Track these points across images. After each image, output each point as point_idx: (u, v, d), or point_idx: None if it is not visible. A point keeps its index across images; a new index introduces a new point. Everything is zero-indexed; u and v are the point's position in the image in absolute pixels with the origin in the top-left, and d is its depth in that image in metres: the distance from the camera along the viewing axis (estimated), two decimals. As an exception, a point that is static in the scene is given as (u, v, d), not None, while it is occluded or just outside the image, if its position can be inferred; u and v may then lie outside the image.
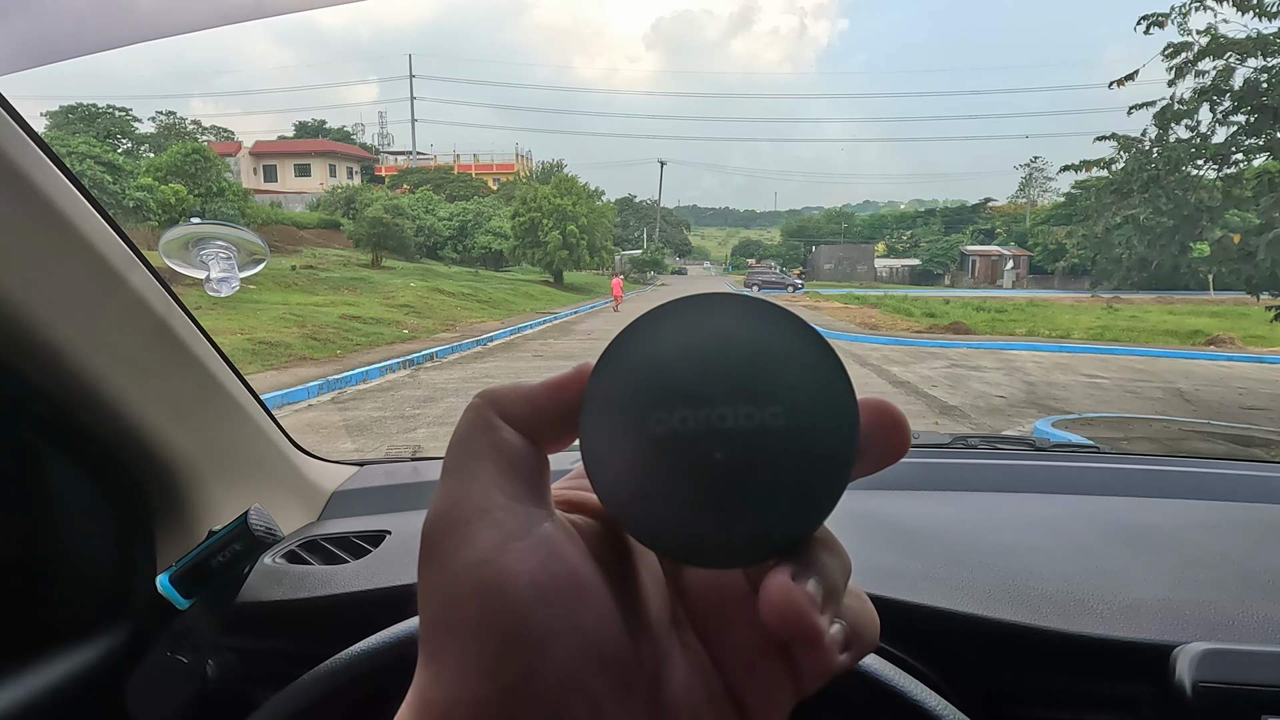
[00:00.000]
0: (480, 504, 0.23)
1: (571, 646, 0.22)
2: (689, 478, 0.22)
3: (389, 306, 14.28)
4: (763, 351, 0.23)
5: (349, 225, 24.94)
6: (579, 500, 0.27)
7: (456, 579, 0.22)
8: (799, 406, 0.22)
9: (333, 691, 0.62)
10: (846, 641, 0.24)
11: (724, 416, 0.22)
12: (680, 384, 0.23)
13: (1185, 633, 0.69)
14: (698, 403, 0.22)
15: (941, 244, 41.61)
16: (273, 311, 11.52)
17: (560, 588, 0.23)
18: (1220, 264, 8.69)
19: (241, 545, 0.72)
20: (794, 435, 0.22)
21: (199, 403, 0.83)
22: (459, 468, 0.24)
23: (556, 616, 0.22)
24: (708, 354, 0.23)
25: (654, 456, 0.23)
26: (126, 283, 0.70)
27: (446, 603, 0.22)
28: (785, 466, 0.22)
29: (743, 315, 0.24)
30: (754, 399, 0.22)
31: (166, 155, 21.10)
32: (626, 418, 0.23)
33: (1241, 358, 11.67)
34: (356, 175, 41.92)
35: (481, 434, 0.24)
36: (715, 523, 0.22)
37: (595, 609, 0.23)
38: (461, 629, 0.22)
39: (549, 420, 0.25)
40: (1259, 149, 8.59)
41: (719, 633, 0.27)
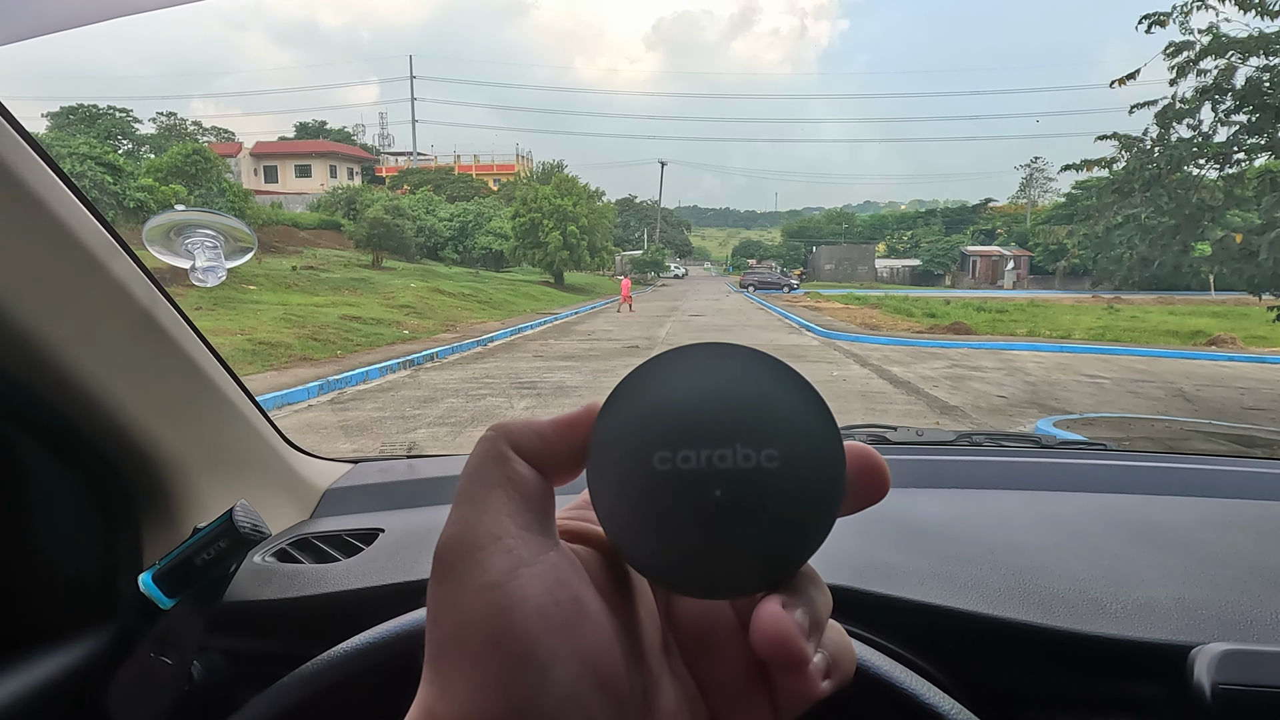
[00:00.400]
0: (493, 531, 0.25)
1: (573, 669, 0.24)
2: (690, 513, 0.24)
3: (389, 307, 14.27)
4: (760, 398, 0.25)
5: (349, 226, 24.95)
6: (581, 531, 0.28)
7: (468, 601, 0.24)
8: (793, 450, 0.24)
9: (317, 692, 0.60)
10: (827, 670, 0.26)
11: (724, 457, 0.24)
12: (684, 426, 0.25)
13: (1202, 633, 0.66)
14: (699, 444, 0.24)
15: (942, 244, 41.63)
16: (273, 312, 11.51)
17: (565, 613, 0.24)
18: (1222, 264, 8.66)
19: (227, 542, 0.70)
20: (787, 477, 0.24)
21: (185, 396, 0.81)
22: (473, 496, 0.25)
23: (560, 640, 0.24)
24: (710, 399, 0.25)
25: (657, 492, 0.24)
26: (107, 271, 0.68)
27: (457, 623, 0.24)
28: (778, 505, 0.24)
29: (742, 365, 0.26)
30: (752, 442, 0.24)
31: (167, 156, 21.11)
32: (633, 455, 0.25)
33: (1243, 358, 11.65)
34: (357, 176, 41.95)
35: (495, 466, 0.26)
36: (712, 556, 0.24)
37: (596, 635, 0.25)
38: (471, 648, 0.23)
39: (558, 455, 0.26)
40: (1261, 148, 8.57)
41: (706, 662, 0.28)
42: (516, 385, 8.10)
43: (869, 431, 1.34)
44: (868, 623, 0.71)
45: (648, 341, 12.81)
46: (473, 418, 6.33)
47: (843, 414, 6.44)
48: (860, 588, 0.74)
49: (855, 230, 59.65)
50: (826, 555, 0.25)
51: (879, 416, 6.61)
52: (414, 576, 0.81)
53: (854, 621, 0.71)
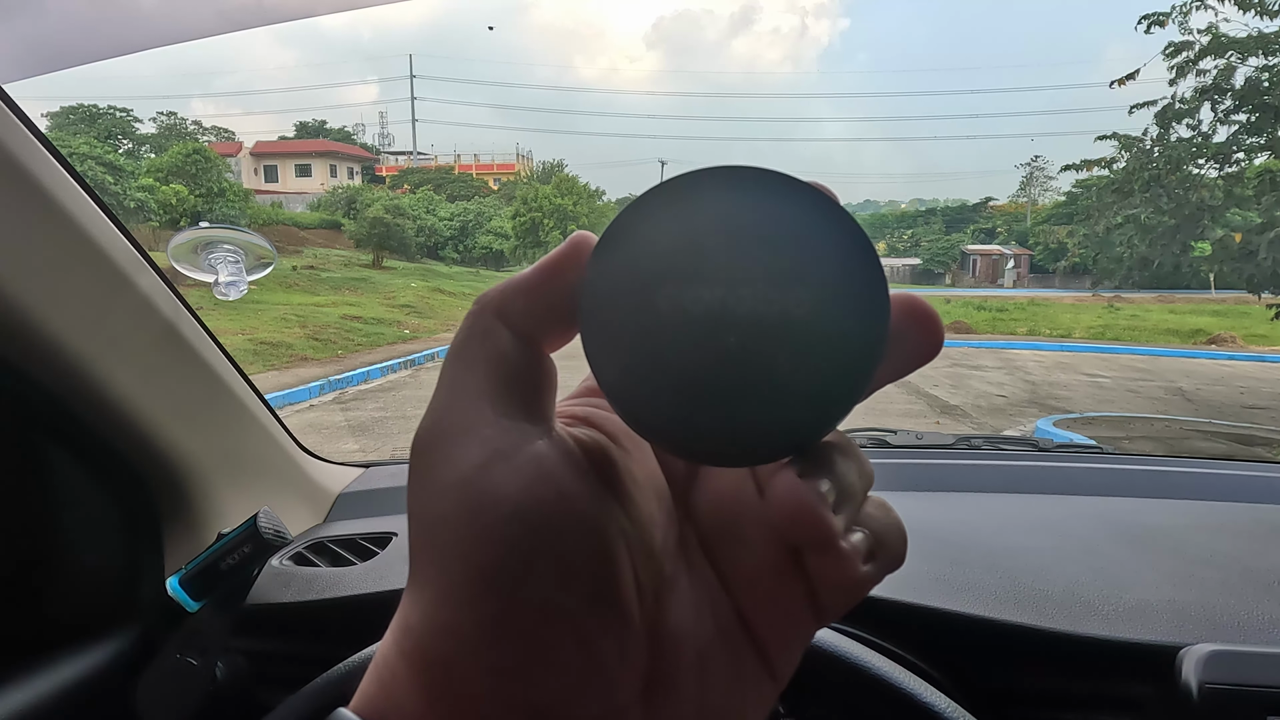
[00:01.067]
0: (466, 420, 0.22)
1: (556, 576, 0.20)
2: (697, 362, 0.20)
3: (390, 307, 14.28)
4: (791, 230, 0.21)
5: (350, 225, 24.93)
6: (586, 416, 0.25)
7: (436, 500, 0.21)
8: (826, 294, 0.20)
9: (345, 696, 0.62)
10: (870, 551, 0.22)
11: (742, 298, 0.20)
12: (694, 258, 0.21)
13: (1191, 634, 0.69)
14: (713, 280, 0.20)
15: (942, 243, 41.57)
16: (274, 312, 11.53)
17: (546, 512, 0.21)
18: (1221, 263, 8.69)
19: (251, 548, 0.72)
20: (818, 325, 0.20)
21: (207, 405, 0.83)
22: (450, 380, 0.23)
23: (540, 544, 0.20)
24: (728, 228, 0.21)
25: (660, 337, 0.20)
26: (134, 285, 0.70)
27: (426, 526, 0.21)
28: (804, 360, 0.20)
29: (770, 190, 0.21)
30: (778, 282, 0.20)
31: (167, 156, 21.11)
32: (631, 292, 0.21)
33: (1243, 356, 11.66)
34: (357, 175, 41.92)
35: (477, 341, 0.23)
36: (721, 415, 0.20)
37: (585, 535, 0.21)
38: (439, 554, 0.21)
39: (549, 308, 0.23)
40: (1260, 148, 8.59)
41: (730, 555, 0.25)
42: (518, 385, 8.10)
43: (869, 436, 1.36)
44: (868, 624, 0.73)
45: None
46: (475, 418, 6.33)
47: (843, 414, 6.49)
48: None
49: (855, 229, 59.31)
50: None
51: (879, 416, 6.63)
52: None
53: (853, 624, 0.73)
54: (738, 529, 0.24)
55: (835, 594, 0.23)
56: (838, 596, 0.23)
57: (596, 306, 0.21)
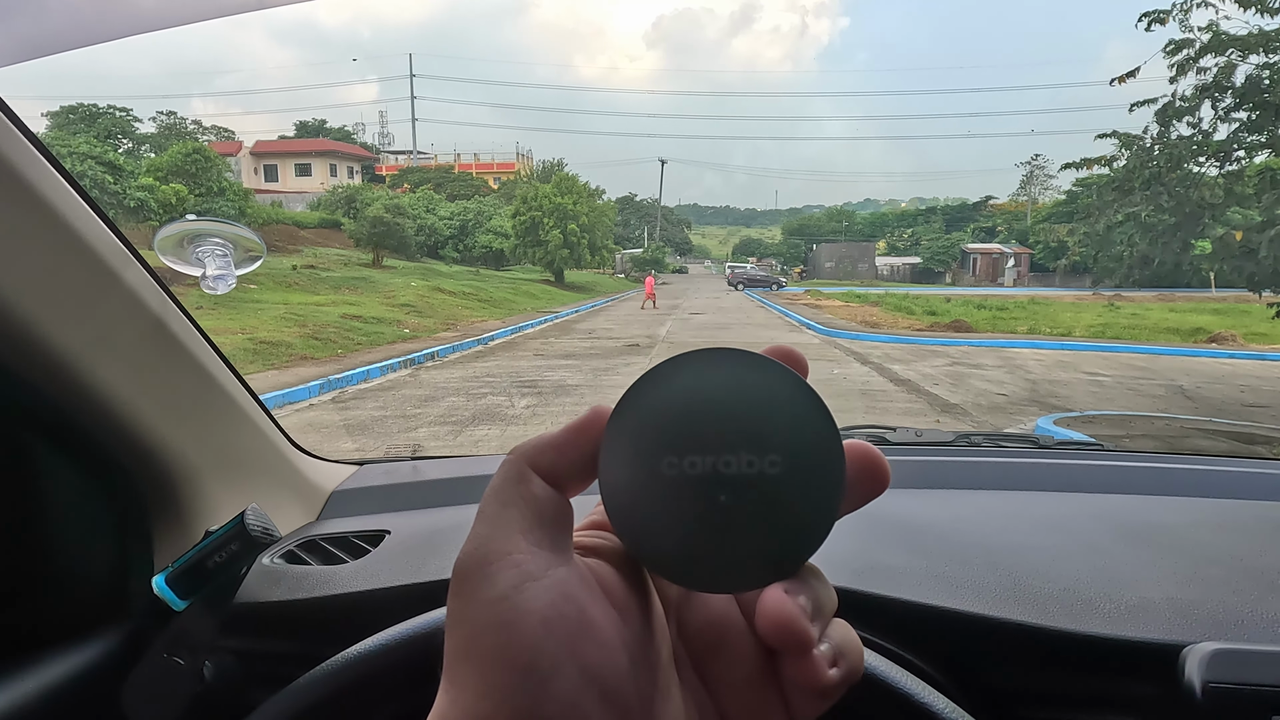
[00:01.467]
0: (505, 548, 0.26)
1: (576, 678, 0.25)
2: (697, 515, 0.26)
3: (390, 306, 14.28)
4: (763, 404, 0.26)
5: (350, 225, 24.94)
6: (596, 547, 0.30)
7: (478, 613, 0.25)
8: (794, 455, 0.26)
9: (329, 695, 0.61)
10: (834, 658, 0.26)
11: (729, 463, 0.26)
12: (690, 434, 0.26)
13: (1194, 632, 0.68)
14: (705, 450, 0.26)
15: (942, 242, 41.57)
16: (274, 311, 11.52)
17: (569, 625, 0.25)
18: (1222, 261, 8.67)
19: (238, 545, 0.71)
20: (790, 480, 0.26)
21: (196, 401, 0.82)
22: (491, 515, 0.27)
23: (564, 651, 0.25)
24: (714, 406, 0.26)
25: (666, 496, 0.26)
26: (121, 280, 0.69)
27: (467, 634, 0.25)
28: (780, 507, 0.26)
29: (746, 371, 0.27)
30: (755, 449, 0.26)
31: (167, 155, 21.11)
32: (642, 461, 0.26)
33: (1243, 355, 11.65)
34: (357, 175, 41.91)
35: (513, 486, 0.27)
36: (719, 555, 0.26)
37: (600, 645, 0.26)
38: (479, 658, 0.25)
39: (572, 463, 0.28)
40: (1261, 146, 8.57)
41: (716, 668, 0.29)
42: (517, 384, 8.11)
43: (868, 432, 1.35)
44: (866, 623, 0.72)
45: (648, 340, 12.81)
46: (473, 416, 6.34)
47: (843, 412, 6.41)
48: (859, 588, 0.75)
49: (855, 228, 59.58)
50: (826, 556, 0.26)
51: (879, 415, 6.62)
52: (421, 578, 0.82)
53: (852, 621, 0.72)
54: (724, 646, 0.29)
55: (807, 699, 0.27)
56: (809, 702, 0.27)
57: (613, 467, 0.27)
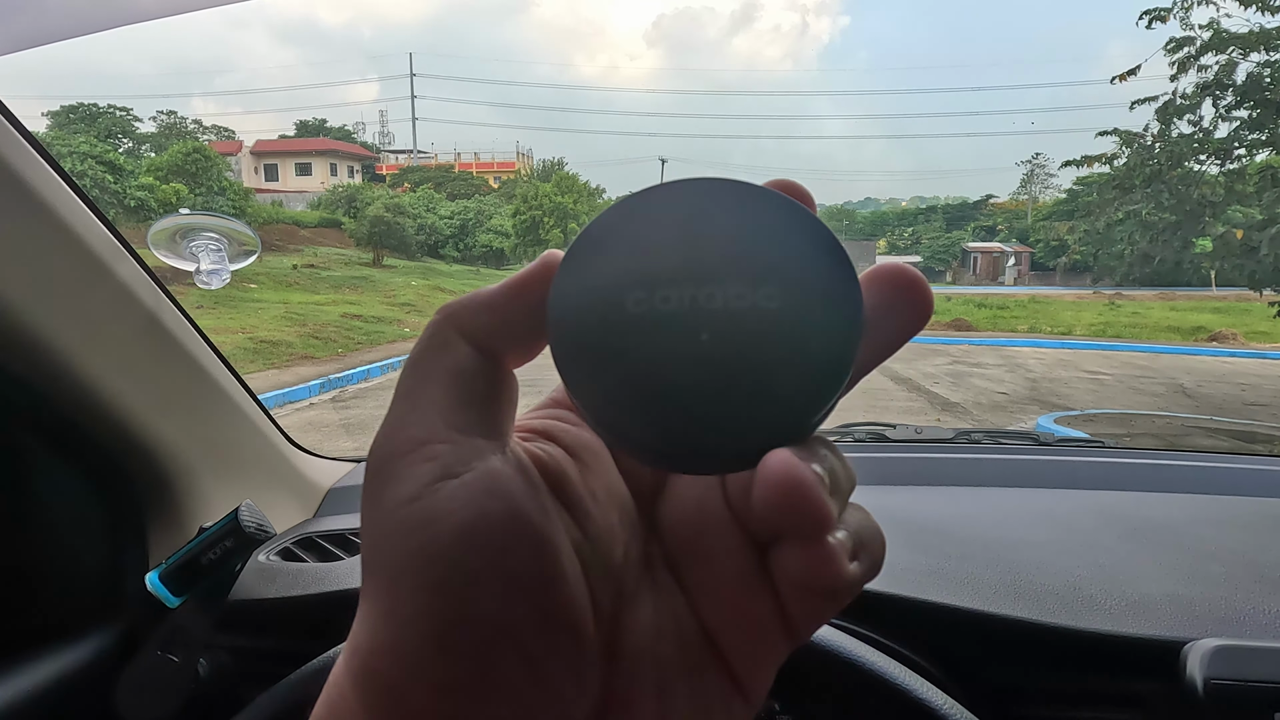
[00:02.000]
0: (418, 435, 0.21)
1: (502, 594, 0.20)
2: (671, 362, 0.20)
3: (390, 305, 14.28)
4: (755, 230, 0.21)
5: (350, 224, 24.95)
6: (547, 430, 0.25)
7: (386, 518, 0.20)
8: (795, 286, 0.20)
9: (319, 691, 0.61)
10: (854, 549, 0.20)
11: (712, 296, 0.20)
12: (662, 261, 0.20)
13: (1195, 629, 0.67)
14: (682, 281, 0.20)
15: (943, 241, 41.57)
16: (274, 310, 11.52)
17: (494, 529, 0.20)
18: (1223, 260, 8.67)
19: (233, 542, 0.71)
20: (790, 316, 0.20)
21: (190, 397, 0.82)
22: (406, 392, 0.22)
23: (486, 561, 0.20)
24: (693, 232, 0.21)
25: (631, 339, 0.20)
26: (113, 274, 0.69)
27: (373, 544, 0.21)
28: (781, 350, 0.20)
29: (734, 193, 0.21)
30: (746, 278, 0.20)
31: (167, 155, 21.11)
32: (600, 299, 0.20)
33: (1244, 354, 11.64)
34: (357, 174, 41.94)
35: (435, 353, 0.22)
36: (698, 416, 0.20)
37: (536, 552, 0.20)
38: (385, 573, 0.20)
39: (513, 325, 0.22)
40: (1262, 144, 8.57)
41: (697, 570, 0.24)
42: (517, 383, 8.10)
43: (868, 430, 1.35)
44: (866, 620, 0.72)
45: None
46: (474, 416, 6.33)
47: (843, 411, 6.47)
48: None
49: (856, 227, 59.58)
50: None
51: (880, 413, 6.62)
52: None
53: (852, 619, 0.72)
54: (705, 542, 0.23)
55: (812, 603, 0.21)
56: (814, 606, 0.22)
57: (565, 314, 0.21)
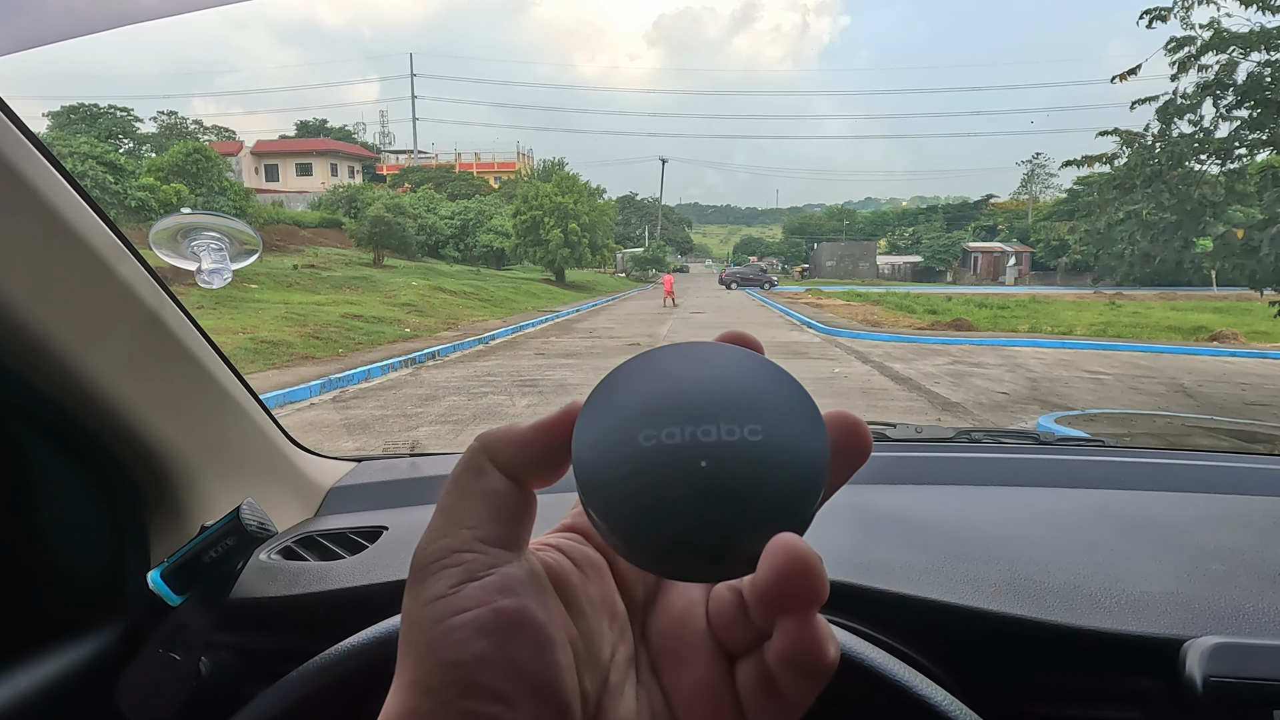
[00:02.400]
0: (453, 544, 0.26)
1: (505, 672, 0.25)
2: (677, 484, 0.24)
3: (391, 305, 14.28)
4: (739, 381, 0.26)
5: (350, 224, 24.96)
6: (559, 544, 0.30)
7: (417, 609, 0.26)
8: (774, 423, 0.25)
9: (322, 688, 0.61)
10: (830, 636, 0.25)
11: (708, 432, 0.25)
12: (666, 406, 0.26)
13: (1194, 626, 0.67)
14: (684, 421, 0.25)
15: (943, 240, 41.56)
16: (274, 311, 11.53)
17: (503, 622, 0.25)
18: (1223, 259, 8.65)
19: (234, 540, 0.71)
20: (771, 447, 0.25)
21: (192, 396, 0.82)
22: (446, 507, 0.27)
23: (494, 646, 0.25)
24: (690, 384, 0.26)
25: (644, 468, 0.25)
26: (115, 274, 0.69)
27: (408, 628, 0.26)
28: (765, 474, 0.24)
29: (722, 355, 0.27)
30: (734, 418, 0.25)
31: (168, 155, 21.11)
32: (618, 436, 0.25)
33: (1245, 354, 11.63)
34: (358, 174, 41.94)
35: (471, 478, 0.28)
36: (701, 527, 0.24)
37: (535, 641, 0.25)
38: (414, 652, 0.25)
39: (536, 460, 0.27)
40: (1262, 143, 8.56)
41: (674, 673, 0.29)
42: (518, 383, 8.11)
43: (869, 429, 1.35)
44: (866, 618, 0.72)
45: (649, 339, 12.81)
46: (474, 416, 6.34)
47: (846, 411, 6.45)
48: (859, 583, 0.75)
49: (856, 227, 59.58)
50: (825, 551, 0.26)
51: (881, 413, 6.61)
52: None
53: (852, 616, 0.72)
54: (683, 650, 0.29)
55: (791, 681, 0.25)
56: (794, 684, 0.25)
57: (588, 445, 0.26)
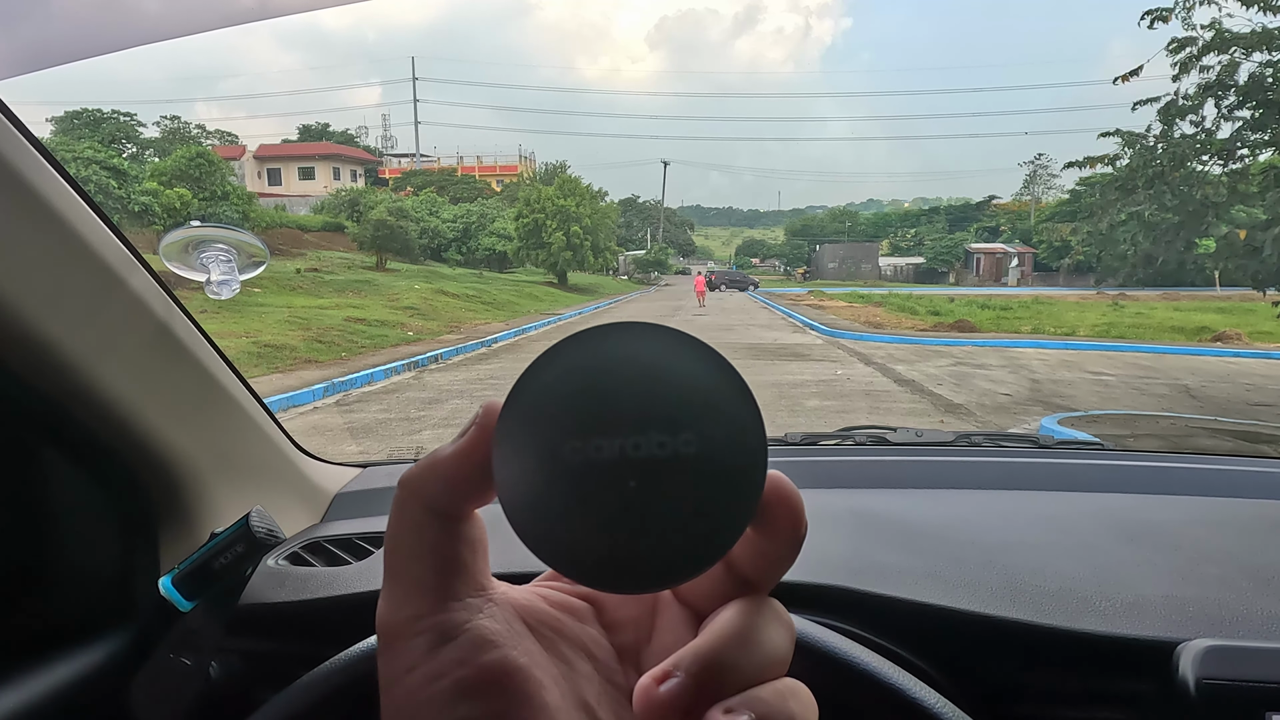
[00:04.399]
0: (416, 611, 0.25)
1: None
2: (603, 506, 0.23)
3: (393, 309, 14.30)
4: (674, 379, 0.24)
5: (353, 228, 24.99)
6: (538, 591, 0.30)
7: (395, 679, 0.25)
8: (709, 434, 0.23)
9: (331, 693, 0.62)
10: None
11: (638, 445, 0.23)
12: (593, 414, 0.23)
13: (1189, 629, 0.68)
14: (611, 432, 0.23)
15: (946, 242, 41.51)
16: (277, 314, 11.55)
17: (485, 680, 0.25)
18: (1226, 260, 8.65)
19: (243, 547, 0.72)
20: (704, 462, 0.23)
21: (201, 405, 0.83)
22: (393, 572, 0.26)
23: (480, 706, 0.24)
24: (620, 383, 0.23)
25: (569, 487, 0.23)
26: (127, 285, 0.70)
27: (387, 698, 0.25)
28: (695, 494, 0.23)
29: (656, 345, 0.24)
30: (666, 427, 0.23)
31: (171, 160, 21.14)
32: (540, 450, 0.23)
33: (1248, 354, 11.61)
34: (360, 178, 42.01)
35: (409, 534, 0.26)
36: (628, 547, 0.23)
37: (522, 692, 0.25)
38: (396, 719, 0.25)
39: (467, 486, 0.25)
40: (1264, 144, 8.55)
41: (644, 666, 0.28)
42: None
43: (869, 433, 1.36)
44: (863, 622, 0.73)
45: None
46: (477, 419, 6.33)
47: (847, 413, 6.38)
48: (856, 587, 0.75)
49: (859, 228, 59.51)
50: (823, 555, 0.25)
51: (883, 415, 6.61)
52: None
53: (850, 620, 0.73)
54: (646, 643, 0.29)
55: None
56: None
57: (509, 460, 0.24)
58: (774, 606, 0.26)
